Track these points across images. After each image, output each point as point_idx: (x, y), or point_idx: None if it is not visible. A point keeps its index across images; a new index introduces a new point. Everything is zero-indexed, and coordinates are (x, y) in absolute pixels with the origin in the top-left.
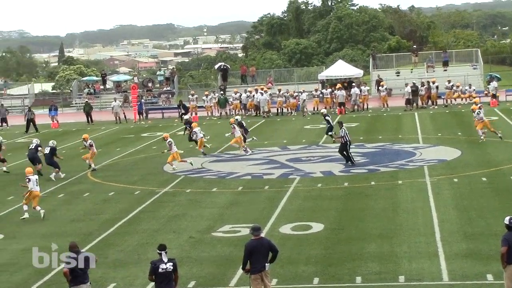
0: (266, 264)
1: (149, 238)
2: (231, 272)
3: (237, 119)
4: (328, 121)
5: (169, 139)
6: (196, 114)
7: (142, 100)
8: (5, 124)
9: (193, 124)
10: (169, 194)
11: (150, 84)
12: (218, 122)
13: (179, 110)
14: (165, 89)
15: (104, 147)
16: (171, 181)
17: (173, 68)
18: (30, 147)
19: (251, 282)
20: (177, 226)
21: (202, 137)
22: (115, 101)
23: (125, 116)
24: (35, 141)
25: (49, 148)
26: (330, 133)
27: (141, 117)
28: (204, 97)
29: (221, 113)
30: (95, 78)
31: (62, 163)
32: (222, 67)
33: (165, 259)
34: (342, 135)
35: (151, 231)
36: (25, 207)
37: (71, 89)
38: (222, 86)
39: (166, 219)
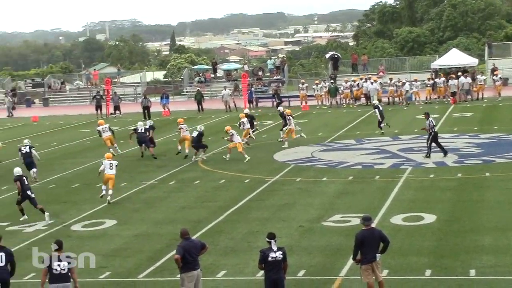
0: (377, 254)
1: (259, 226)
2: (341, 262)
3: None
4: (380, 113)
5: (231, 131)
6: (306, 103)
7: (252, 89)
8: (118, 112)
9: (240, 115)
10: (279, 183)
11: (260, 73)
12: (328, 111)
13: (275, 100)
14: (275, 77)
15: (214, 135)
16: (281, 169)
17: (283, 56)
18: (140, 131)
19: (361, 272)
20: (287, 215)
21: (248, 128)
22: (225, 89)
23: (235, 105)
24: (149, 123)
25: (197, 132)
26: (381, 125)
27: (251, 105)
28: (314, 86)
29: (331, 102)
30: (205, 66)
31: (173, 151)
32: (333, 56)
33: (274, 248)
34: (431, 125)
35: (261, 219)
36: (103, 187)
37: (182, 77)
38: (332, 75)
39: (275, 207)
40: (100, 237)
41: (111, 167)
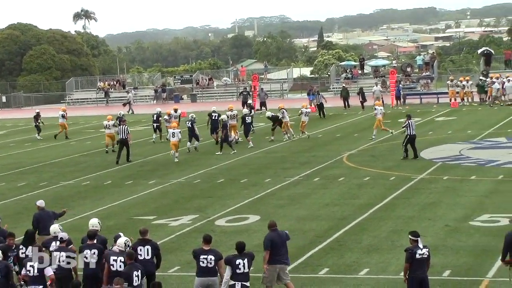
0: None
1: (403, 225)
2: (488, 263)
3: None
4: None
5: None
6: (455, 100)
7: (400, 85)
8: (264, 108)
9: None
10: (425, 181)
11: (408, 69)
12: (479, 108)
13: (359, 98)
14: (424, 74)
15: (361, 132)
16: (428, 167)
17: (433, 52)
18: (213, 118)
19: (511, 274)
20: (433, 214)
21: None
22: (376, 85)
23: (382, 101)
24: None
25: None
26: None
27: (398, 102)
28: (458, 82)
29: (481, 98)
30: (353, 63)
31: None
32: (485, 52)
33: (421, 245)
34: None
35: (406, 217)
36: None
37: (329, 73)
38: (484, 71)
39: (421, 206)
40: (244, 232)
41: (173, 136)
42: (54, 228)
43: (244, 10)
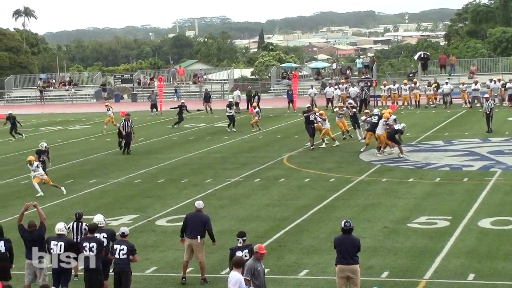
0: None
1: None
2: (426, 265)
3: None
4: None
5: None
6: (393, 103)
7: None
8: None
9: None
10: (364, 183)
11: (348, 72)
12: (417, 112)
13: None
14: (363, 77)
15: (302, 133)
16: (367, 169)
17: (372, 56)
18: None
19: None
20: (371, 215)
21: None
22: (312, 88)
23: (315, 104)
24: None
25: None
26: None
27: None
28: (403, 86)
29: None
30: (293, 64)
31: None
32: (422, 56)
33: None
34: None
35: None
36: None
37: (269, 75)
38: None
39: (360, 207)
40: None
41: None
42: (59, 225)
43: (185, 10)
